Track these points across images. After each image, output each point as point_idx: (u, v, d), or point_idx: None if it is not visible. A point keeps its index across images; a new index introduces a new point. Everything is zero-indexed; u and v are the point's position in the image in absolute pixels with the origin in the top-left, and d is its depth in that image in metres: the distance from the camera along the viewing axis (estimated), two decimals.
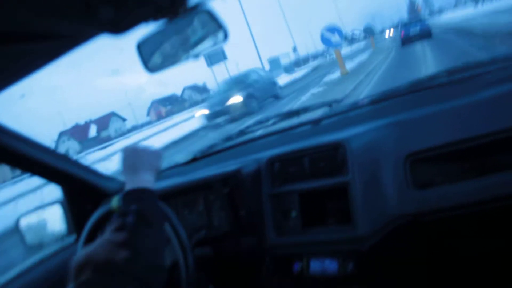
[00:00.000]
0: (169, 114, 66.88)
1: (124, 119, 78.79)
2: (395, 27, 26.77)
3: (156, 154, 1.22)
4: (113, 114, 76.63)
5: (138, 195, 1.07)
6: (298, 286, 1.32)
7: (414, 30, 22.30)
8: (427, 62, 11.61)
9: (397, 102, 1.46)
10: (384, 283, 1.26)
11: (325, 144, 1.33)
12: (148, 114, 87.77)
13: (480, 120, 1.13)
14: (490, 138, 1.10)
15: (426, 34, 21.66)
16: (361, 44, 59.83)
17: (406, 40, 22.60)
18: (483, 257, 1.23)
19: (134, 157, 1.16)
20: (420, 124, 1.24)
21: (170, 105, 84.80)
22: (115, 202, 1.33)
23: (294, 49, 63.12)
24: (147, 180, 1.12)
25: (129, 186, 1.10)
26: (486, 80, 1.28)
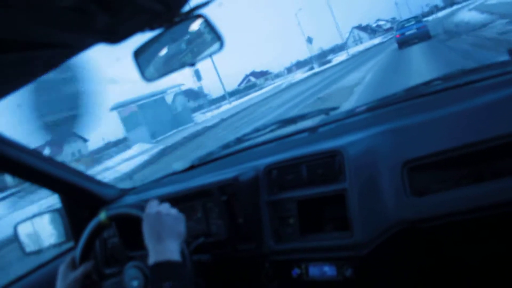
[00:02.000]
0: None
1: (85, 140, 59.41)
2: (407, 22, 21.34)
3: (179, 219, 1.19)
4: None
5: (168, 270, 1.03)
6: None
7: (411, 31, 20.63)
8: None
9: (394, 109, 1.47)
10: None
11: (322, 152, 1.33)
12: None
13: (477, 126, 1.13)
14: (487, 144, 1.10)
15: (424, 35, 20.01)
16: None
17: (403, 43, 21.06)
18: (480, 263, 1.23)
19: (157, 224, 1.13)
20: (417, 131, 1.24)
21: None
22: (103, 216, 1.34)
23: (198, 76, 37.16)
24: (172, 250, 1.09)
25: (153, 257, 1.06)
26: (482, 86, 1.29)
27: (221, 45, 0.85)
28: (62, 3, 0.56)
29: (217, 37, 0.83)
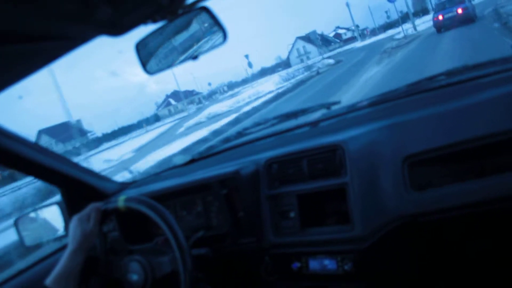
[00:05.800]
0: None
1: None
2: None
3: None
4: None
5: None
6: (297, 284, 1.33)
7: (451, 13, 17.70)
8: None
9: (395, 104, 1.46)
10: (383, 282, 1.26)
11: (323, 146, 1.33)
12: None
13: (478, 122, 1.13)
14: (487, 140, 1.10)
15: (467, 18, 16.94)
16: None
17: (441, 27, 18.46)
18: (480, 257, 1.24)
19: None
20: (418, 126, 1.24)
21: None
22: (121, 202, 1.32)
23: (249, 64, 31.58)
24: None
25: None
26: (484, 82, 1.28)
27: (225, 38, 0.84)
28: None
29: (221, 29, 0.83)
